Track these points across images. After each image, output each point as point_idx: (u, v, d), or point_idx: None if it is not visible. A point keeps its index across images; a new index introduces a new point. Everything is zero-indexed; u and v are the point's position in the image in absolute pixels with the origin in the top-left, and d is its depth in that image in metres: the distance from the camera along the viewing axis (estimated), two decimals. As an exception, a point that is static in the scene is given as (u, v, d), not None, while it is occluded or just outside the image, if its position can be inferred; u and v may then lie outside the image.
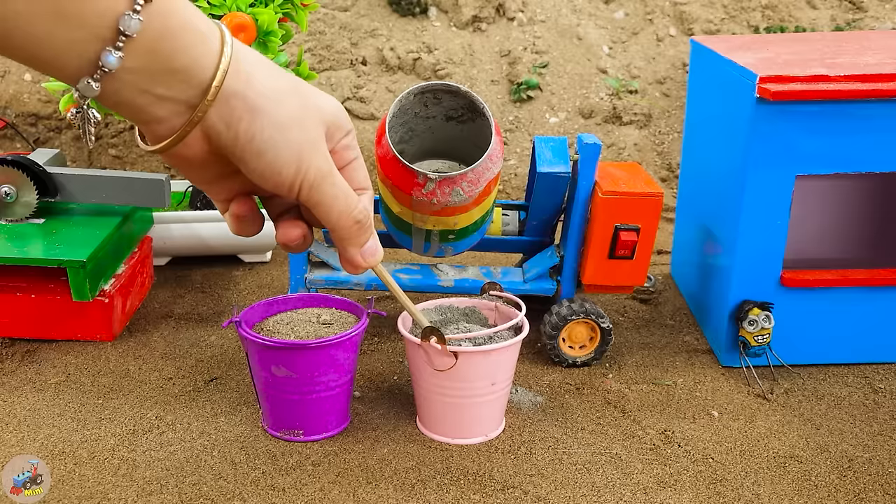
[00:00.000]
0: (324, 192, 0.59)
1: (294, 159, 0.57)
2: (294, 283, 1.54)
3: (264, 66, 0.57)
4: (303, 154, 0.57)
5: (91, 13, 0.49)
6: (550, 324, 1.48)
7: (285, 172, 0.57)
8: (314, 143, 0.58)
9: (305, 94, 0.58)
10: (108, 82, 0.52)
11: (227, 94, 0.54)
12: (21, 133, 2.15)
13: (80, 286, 1.49)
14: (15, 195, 1.62)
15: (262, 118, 0.55)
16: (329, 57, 2.51)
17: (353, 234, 0.62)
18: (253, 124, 0.55)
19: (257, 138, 0.55)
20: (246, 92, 0.55)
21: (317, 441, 1.28)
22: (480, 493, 1.17)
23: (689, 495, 1.18)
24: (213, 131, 0.55)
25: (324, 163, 0.59)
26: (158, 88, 0.53)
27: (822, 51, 1.58)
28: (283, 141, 0.56)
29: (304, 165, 0.57)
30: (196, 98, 0.54)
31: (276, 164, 0.57)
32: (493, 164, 1.31)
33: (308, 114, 0.58)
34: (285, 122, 0.56)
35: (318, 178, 0.58)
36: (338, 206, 0.60)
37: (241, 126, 0.55)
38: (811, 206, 1.77)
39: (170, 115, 0.54)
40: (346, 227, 0.62)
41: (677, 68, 2.53)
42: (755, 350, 1.46)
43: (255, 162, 0.56)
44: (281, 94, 0.56)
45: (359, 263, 0.65)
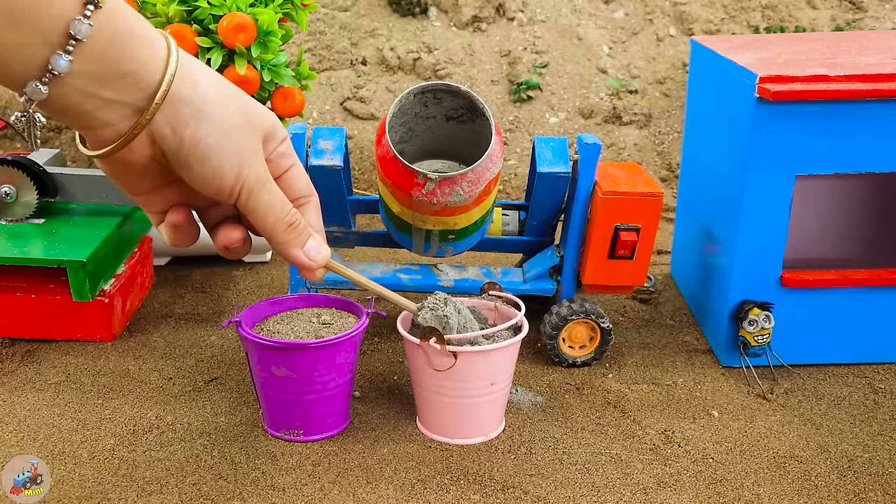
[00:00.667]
0: (261, 199, 0.61)
1: (236, 165, 0.58)
2: (294, 283, 1.54)
3: (209, 74, 0.58)
4: (244, 160, 0.59)
5: (42, 18, 0.50)
6: (550, 324, 1.48)
7: (227, 177, 0.58)
8: (254, 150, 0.59)
9: (246, 102, 0.60)
10: (56, 86, 0.52)
11: (174, 99, 0.55)
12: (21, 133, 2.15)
13: (80, 286, 1.49)
14: (15, 195, 1.62)
15: (209, 123, 0.56)
16: (329, 57, 2.51)
17: (290, 237, 0.64)
18: (199, 129, 0.56)
19: (202, 143, 0.56)
20: (192, 97, 0.56)
21: (317, 441, 1.28)
22: (480, 493, 1.17)
23: (689, 495, 1.18)
24: (159, 135, 0.56)
25: (262, 170, 0.60)
26: (106, 92, 0.53)
27: (822, 51, 1.58)
28: (227, 146, 0.57)
29: (244, 171, 0.59)
30: (143, 102, 0.54)
31: (219, 169, 0.58)
32: (493, 164, 1.31)
33: (249, 121, 0.59)
34: (230, 128, 0.57)
35: (258, 184, 0.60)
36: (273, 213, 0.62)
37: (186, 130, 0.56)
38: (811, 206, 1.78)
39: (116, 119, 0.55)
40: (282, 232, 0.63)
41: (677, 68, 2.54)
42: (755, 350, 1.46)
43: (198, 166, 0.57)
44: (226, 101, 0.58)
45: (306, 264, 0.66)
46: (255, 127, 0.60)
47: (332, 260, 0.69)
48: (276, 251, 0.65)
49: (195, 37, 1.55)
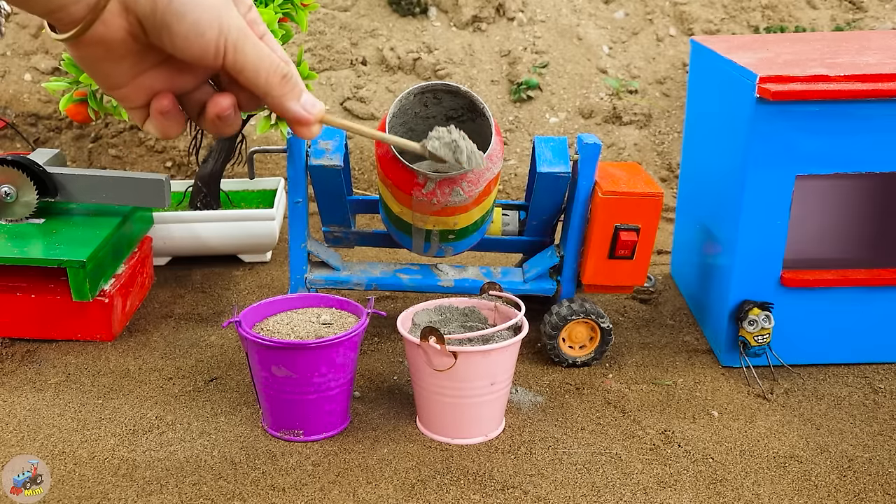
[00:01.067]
0: (247, 53, 0.60)
1: (215, 18, 0.57)
2: (294, 283, 1.54)
3: None
4: (222, 13, 0.58)
5: None
6: (550, 324, 1.48)
7: (209, 32, 0.58)
8: (228, 5, 0.59)
9: None
10: None
11: None
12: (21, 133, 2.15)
13: (80, 286, 1.49)
14: (15, 195, 1.62)
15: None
16: (329, 57, 2.51)
17: (286, 89, 0.63)
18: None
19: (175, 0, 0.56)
20: None
21: (317, 441, 1.28)
22: (480, 493, 1.17)
23: (689, 495, 1.18)
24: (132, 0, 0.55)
25: (241, 21, 0.59)
26: None
27: (822, 51, 1.58)
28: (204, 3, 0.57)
29: (224, 24, 0.58)
30: None
31: (199, 24, 0.57)
32: (493, 164, 1.31)
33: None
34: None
35: (241, 36, 0.59)
36: (264, 65, 0.61)
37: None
38: (811, 206, 1.77)
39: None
40: (277, 84, 0.62)
41: (677, 68, 2.54)
42: (755, 350, 1.46)
43: (177, 25, 0.56)
44: None
45: (304, 117, 0.65)
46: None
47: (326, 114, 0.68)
48: (272, 107, 0.63)
49: (195, 37, 1.55)
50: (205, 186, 1.87)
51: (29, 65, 2.45)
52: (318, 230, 2.00)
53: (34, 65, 2.44)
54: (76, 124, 2.40)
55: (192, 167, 2.37)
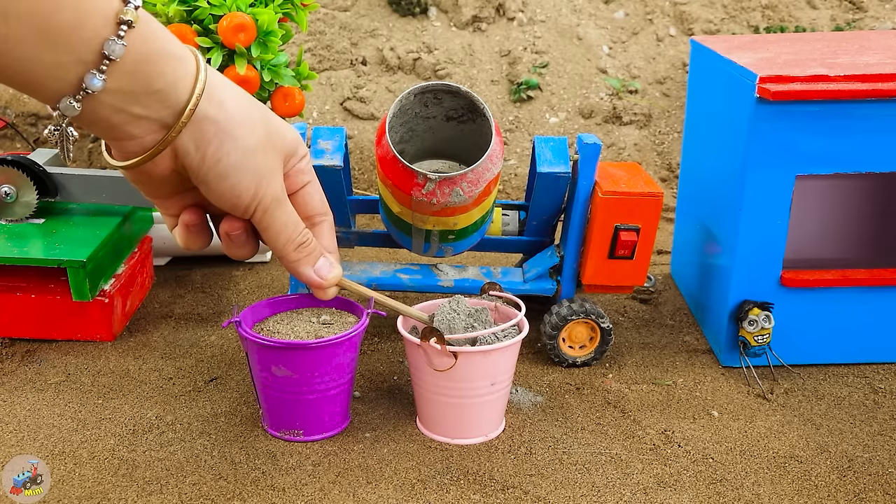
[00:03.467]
0: (275, 218, 0.63)
1: (254, 184, 0.60)
2: (294, 283, 1.54)
3: (236, 93, 0.59)
4: (262, 180, 0.60)
5: (77, 39, 0.51)
6: (550, 324, 1.48)
7: (244, 196, 0.60)
8: (273, 170, 0.61)
9: (270, 122, 0.61)
10: (88, 102, 0.54)
11: (200, 117, 0.56)
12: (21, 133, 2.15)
13: (80, 286, 1.49)
14: (15, 195, 1.62)
15: (231, 143, 0.58)
16: (329, 57, 2.51)
17: (300, 256, 0.66)
18: (221, 148, 0.58)
19: (223, 162, 0.58)
20: (218, 116, 0.57)
21: (317, 441, 1.28)
22: (480, 493, 1.17)
23: (689, 495, 1.18)
24: (183, 151, 0.57)
25: (279, 190, 0.62)
26: (136, 108, 0.55)
27: (822, 51, 1.58)
28: (247, 166, 0.59)
29: (261, 191, 0.61)
30: (170, 118, 0.56)
31: (238, 188, 0.60)
32: (493, 164, 1.31)
33: (271, 141, 0.61)
34: (252, 148, 0.59)
35: (274, 204, 0.62)
36: (286, 233, 0.64)
37: (209, 149, 0.57)
38: (811, 206, 1.78)
39: (143, 133, 0.57)
40: (293, 251, 0.65)
41: (677, 68, 2.54)
42: (755, 350, 1.47)
43: (216, 183, 0.59)
44: (251, 122, 0.59)
45: (316, 282, 0.68)
46: (277, 147, 0.61)
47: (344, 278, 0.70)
48: (287, 269, 0.66)
49: (195, 37, 1.55)
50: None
51: (29, 65, 2.44)
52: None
53: (34, 65, 2.44)
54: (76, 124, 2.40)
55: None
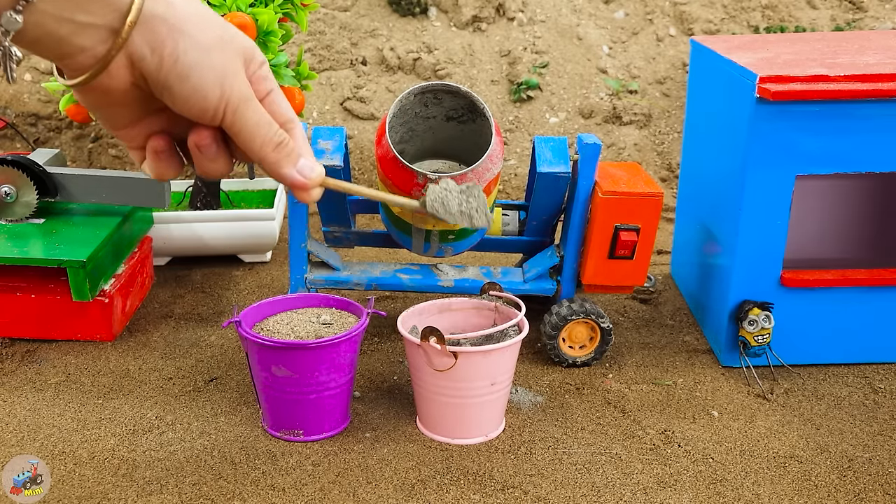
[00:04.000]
0: (246, 118, 0.60)
1: (218, 81, 0.58)
2: (294, 283, 1.54)
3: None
4: (226, 77, 0.58)
5: None
6: (550, 324, 1.48)
7: (210, 96, 0.58)
8: (235, 68, 0.59)
9: (223, 22, 0.59)
10: (29, 13, 0.52)
11: (148, 16, 0.55)
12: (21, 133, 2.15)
13: (80, 286, 1.49)
14: (15, 195, 1.62)
15: (186, 40, 0.56)
16: (329, 57, 2.51)
17: (280, 156, 0.63)
18: (177, 47, 0.56)
19: (181, 60, 0.56)
20: (166, 14, 0.56)
21: (317, 441, 1.28)
22: (480, 493, 1.17)
23: (689, 495, 1.18)
24: (138, 56, 0.56)
25: (245, 87, 0.60)
26: (80, 15, 0.53)
27: (822, 51, 1.58)
28: (207, 63, 0.57)
29: (227, 89, 0.58)
30: (118, 22, 0.54)
31: (202, 86, 0.58)
32: (493, 164, 1.31)
33: (228, 40, 0.59)
34: (209, 44, 0.57)
35: (242, 101, 0.59)
36: (261, 132, 0.61)
37: (165, 49, 0.56)
38: (811, 206, 1.77)
39: (93, 43, 0.55)
40: (271, 152, 0.63)
41: (677, 68, 2.54)
42: (755, 350, 1.46)
43: (179, 86, 0.57)
44: (202, 19, 0.57)
45: (300, 182, 0.65)
46: (235, 46, 0.59)
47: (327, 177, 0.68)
48: (268, 173, 0.64)
49: (195, 37, 1.55)
50: (205, 186, 1.87)
51: (29, 65, 2.45)
52: (318, 230, 2.00)
53: (34, 65, 2.44)
54: (76, 124, 2.40)
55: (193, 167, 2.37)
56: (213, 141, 0.62)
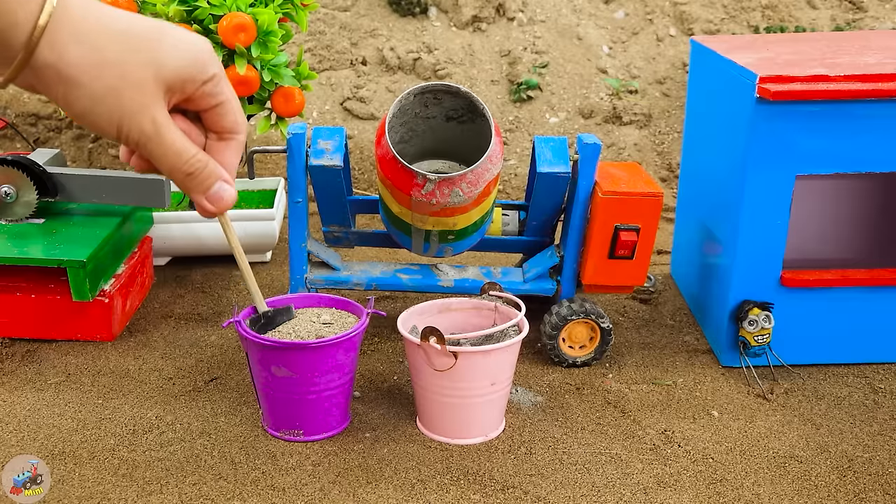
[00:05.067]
0: (151, 151, 0.61)
1: (113, 125, 0.59)
2: (294, 283, 1.54)
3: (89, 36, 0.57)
4: (122, 120, 0.59)
5: None
6: (550, 324, 1.48)
7: (108, 133, 0.60)
8: (139, 108, 0.59)
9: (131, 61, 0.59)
10: None
11: (39, 64, 0.55)
12: (21, 133, 2.15)
13: (80, 286, 1.49)
14: (15, 195, 1.62)
15: (76, 90, 0.57)
16: (329, 57, 2.51)
17: (188, 185, 0.64)
18: (67, 95, 0.57)
19: (72, 107, 0.58)
20: (58, 64, 0.56)
21: (317, 441, 1.28)
22: (480, 493, 1.17)
23: (689, 495, 1.18)
24: (39, 87, 0.57)
25: (148, 125, 0.60)
26: None
27: (822, 51, 1.58)
28: (98, 111, 0.58)
29: (124, 130, 0.60)
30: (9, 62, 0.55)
31: (97, 127, 0.59)
32: (493, 164, 1.31)
33: (130, 83, 0.59)
34: (101, 93, 0.58)
35: (142, 140, 0.60)
36: (167, 163, 0.62)
37: (57, 93, 0.57)
38: (811, 206, 1.77)
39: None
40: (180, 181, 0.64)
41: (677, 68, 2.54)
42: (755, 350, 1.46)
43: (79, 120, 0.59)
44: (99, 67, 0.57)
45: (206, 208, 0.66)
46: (142, 83, 0.59)
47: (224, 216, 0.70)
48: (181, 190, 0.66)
49: (195, 37, 1.55)
50: (205, 186, 1.87)
51: (29, 65, 2.44)
52: (318, 230, 2.00)
53: (34, 65, 2.44)
54: (76, 124, 2.40)
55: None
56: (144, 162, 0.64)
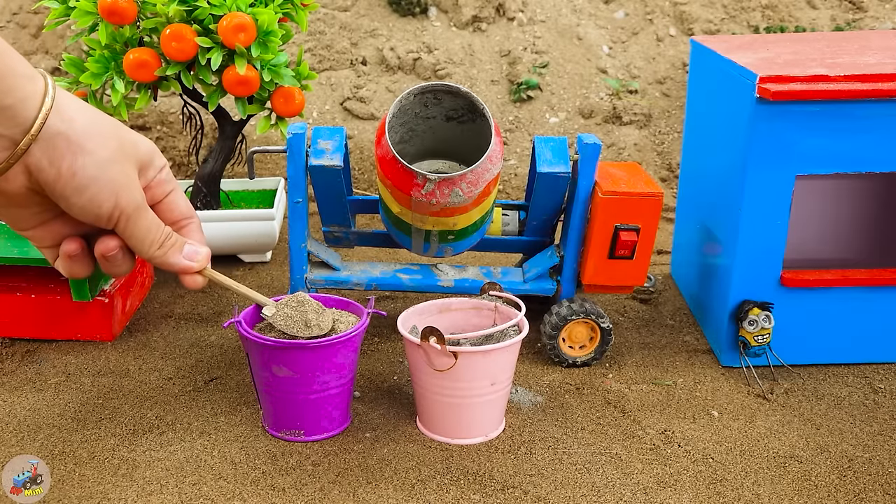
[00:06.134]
0: (139, 225, 0.65)
1: (113, 194, 0.62)
2: (294, 283, 1.54)
3: (85, 110, 0.62)
4: (121, 189, 0.62)
5: None
6: (550, 324, 1.48)
7: (105, 206, 0.62)
8: (130, 179, 0.63)
9: (122, 134, 0.63)
10: None
11: (51, 133, 0.58)
12: None
13: (79, 286, 1.49)
14: (15, 195, 1.62)
15: (84, 157, 0.60)
16: (329, 57, 2.51)
17: (165, 249, 0.68)
18: (75, 162, 0.60)
19: (79, 175, 0.60)
20: (69, 131, 0.59)
21: (317, 441, 1.28)
22: (480, 493, 1.17)
23: (689, 495, 1.18)
24: (36, 168, 0.59)
25: (138, 196, 0.64)
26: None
27: (822, 51, 1.58)
28: (104, 177, 0.61)
29: (122, 200, 0.63)
30: (20, 135, 0.58)
31: (98, 199, 0.62)
32: (493, 164, 1.31)
33: (125, 152, 0.63)
34: (106, 160, 0.61)
35: (134, 211, 0.64)
36: (150, 237, 0.66)
37: (63, 164, 0.59)
38: (811, 206, 1.78)
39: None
40: (157, 251, 0.68)
41: (677, 68, 2.54)
42: (755, 350, 1.46)
43: (76, 197, 0.61)
44: (102, 135, 0.61)
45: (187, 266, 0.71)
46: (131, 157, 0.63)
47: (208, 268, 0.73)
48: (158, 265, 0.69)
49: (195, 37, 1.55)
50: (205, 186, 1.87)
51: (29, 65, 2.44)
52: (318, 230, 2.00)
53: (34, 65, 2.44)
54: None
55: (192, 167, 2.37)
56: (119, 250, 0.66)
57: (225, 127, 1.84)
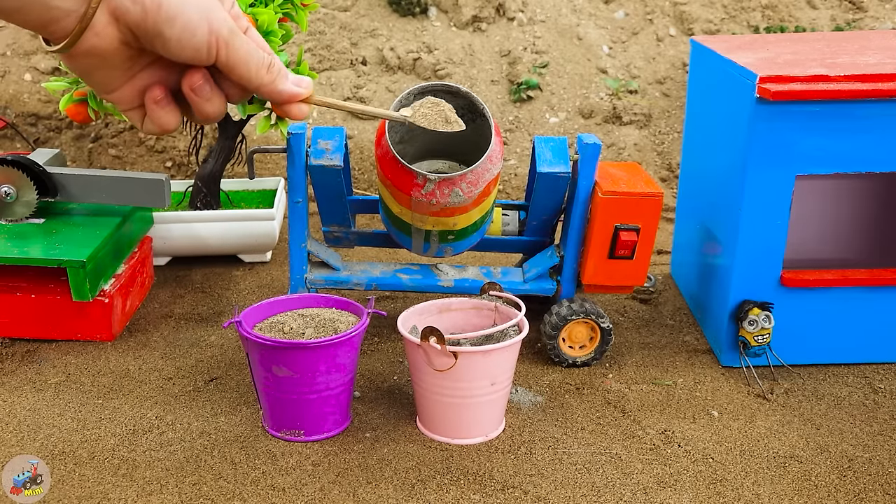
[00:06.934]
0: (238, 48, 0.62)
1: (204, 18, 0.59)
2: (294, 283, 1.54)
3: None
4: (210, 12, 0.60)
5: None
6: (550, 324, 1.48)
7: (199, 33, 0.59)
8: (214, 3, 0.61)
9: None
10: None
11: None
12: (21, 133, 2.15)
13: (80, 286, 1.49)
14: (15, 195, 1.62)
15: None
16: (329, 57, 2.51)
17: (274, 76, 0.65)
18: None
19: (164, 4, 0.57)
20: None
21: (317, 441, 1.28)
22: (480, 493, 1.17)
23: (689, 495, 1.18)
24: (121, 10, 0.57)
25: (229, 20, 0.61)
26: None
27: (822, 51, 1.58)
28: (191, 6, 0.58)
29: (214, 23, 0.60)
30: None
31: (190, 25, 0.59)
32: (493, 164, 1.31)
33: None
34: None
35: (231, 33, 0.61)
36: (254, 60, 0.63)
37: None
38: (811, 206, 1.78)
39: (75, 5, 0.56)
40: (266, 75, 0.64)
41: (677, 68, 2.54)
42: (755, 350, 1.46)
43: (169, 30, 0.58)
44: None
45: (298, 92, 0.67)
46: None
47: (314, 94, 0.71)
48: (266, 96, 0.66)
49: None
50: (205, 186, 1.87)
51: (29, 65, 2.45)
52: (318, 230, 2.00)
53: (34, 65, 2.44)
54: (76, 124, 2.40)
55: (192, 167, 2.37)
56: (205, 81, 0.63)
57: (225, 127, 1.84)
